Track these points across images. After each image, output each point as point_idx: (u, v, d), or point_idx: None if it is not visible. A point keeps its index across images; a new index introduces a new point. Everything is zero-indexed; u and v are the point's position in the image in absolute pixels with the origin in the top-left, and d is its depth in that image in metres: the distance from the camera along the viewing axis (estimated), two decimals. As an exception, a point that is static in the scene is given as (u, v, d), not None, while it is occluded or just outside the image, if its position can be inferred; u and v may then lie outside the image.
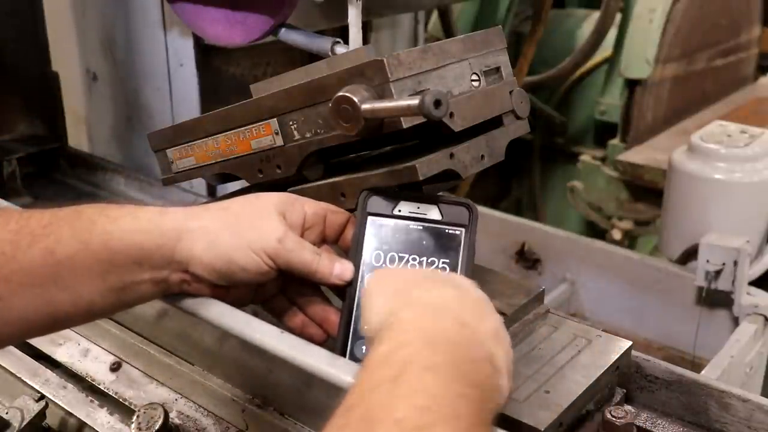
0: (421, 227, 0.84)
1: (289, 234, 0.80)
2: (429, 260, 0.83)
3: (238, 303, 0.84)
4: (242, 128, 0.96)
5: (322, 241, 0.87)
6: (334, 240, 0.88)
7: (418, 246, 0.83)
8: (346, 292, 0.83)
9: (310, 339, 0.83)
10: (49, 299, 0.75)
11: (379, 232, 0.84)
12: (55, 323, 0.79)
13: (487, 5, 3.16)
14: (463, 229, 0.83)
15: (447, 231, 0.83)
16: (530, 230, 2.13)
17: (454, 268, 0.82)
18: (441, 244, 0.83)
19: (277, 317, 0.89)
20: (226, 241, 0.78)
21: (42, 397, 1.03)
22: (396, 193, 0.85)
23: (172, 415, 0.96)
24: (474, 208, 0.84)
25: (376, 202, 0.85)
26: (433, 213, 0.84)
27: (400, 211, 0.84)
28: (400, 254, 0.83)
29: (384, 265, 0.83)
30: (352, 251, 0.84)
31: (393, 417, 0.53)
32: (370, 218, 0.85)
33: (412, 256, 0.83)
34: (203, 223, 0.79)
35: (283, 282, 0.87)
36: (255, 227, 0.79)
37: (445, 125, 0.84)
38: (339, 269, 0.83)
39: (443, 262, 0.82)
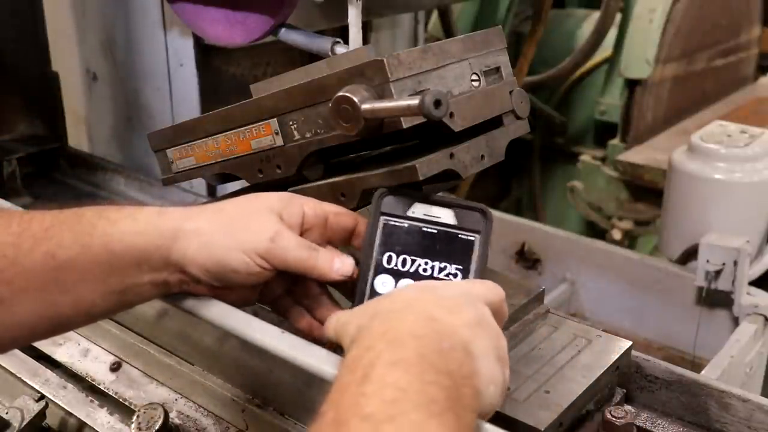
0: (434, 231, 0.82)
1: (282, 232, 0.79)
2: (441, 265, 0.81)
3: (241, 304, 0.84)
4: (242, 128, 0.96)
5: (325, 242, 0.85)
6: (342, 242, 0.86)
7: (431, 250, 0.81)
8: (355, 292, 0.82)
9: (318, 341, 0.83)
10: (52, 302, 0.75)
11: (392, 234, 0.82)
12: (57, 327, 0.79)
13: (487, 5, 3.16)
14: (477, 235, 0.81)
15: (460, 236, 0.81)
16: (530, 230, 2.13)
17: (465, 274, 0.80)
18: (454, 249, 0.81)
19: (284, 318, 0.89)
20: (218, 242, 0.78)
21: (42, 397, 1.03)
22: (411, 194, 0.83)
23: (172, 415, 0.96)
24: (489, 213, 0.82)
25: (390, 203, 0.83)
26: (448, 217, 0.82)
27: (414, 213, 0.83)
28: (412, 257, 0.81)
29: (396, 267, 0.81)
30: (364, 251, 0.82)
31: (361, 414, 0.53)
32: (383, 218, 0.82)
33: (424, 260, 0.81)
34: (198, 224, 0.79)
35: (290, 283, 0.87)
36: (247, 228, 0.79)
37: (445, 125, 0.84)
38: (339, 264, 0.82)
39: (455, 268, 0.80)
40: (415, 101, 0.74)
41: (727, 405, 0.94)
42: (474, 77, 0.91)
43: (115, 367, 1.08)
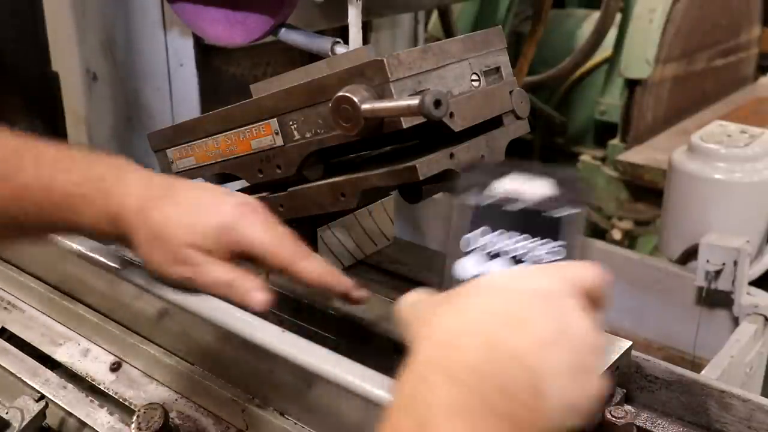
0: (524, 206, 0.70)
1: (200, 267, 0.84)
2: (535, 243, 0.69)
3: None
4: (242, 128, 0.96)
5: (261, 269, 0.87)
6: (291, 275, 0.84)
7: (523, 227, 0.70)
8: (440, 279, 0.71)
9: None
10: (16, 233, 0.93)
11: (476, 215, 0.71)
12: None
13: (487, 5, 3.16)
14: (575, 206, 0.70)
15: (555, 210, 0.70)
16: (530, 230, 2.13)
17: (567, 250, 0.69)
18: (548, 223, 0.70)
19: None
20: (155, 251, 0.85)
21: (42, 397, 1.03)
22: (490, 169, 0.73)
23: (172, 415, 0.96)
24: (583, 180, 0.72)
25: (469, 182, 0.72)
26: (537, 188, 0.71)
27: (498, 189, 0.71)
28: (501, 238, 0.70)
29: (485, 249, 0.69)
30: (449, 238, 0.71)
31: None
32: (463, 199, 0.71)
33: (516, 240, 0.69)
34: (146, 226, 0.84)
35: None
36: (171, 261, 0.85)
37: (445, 125, 0.84)
38: (253, 284, 0.83)
39: (552, 246, 0.69)
40: (415, 101, 0.74)
41: (727, 405, 0.94)
42: (474, 77, 0.91)
43: (115, 367, 1.08)
